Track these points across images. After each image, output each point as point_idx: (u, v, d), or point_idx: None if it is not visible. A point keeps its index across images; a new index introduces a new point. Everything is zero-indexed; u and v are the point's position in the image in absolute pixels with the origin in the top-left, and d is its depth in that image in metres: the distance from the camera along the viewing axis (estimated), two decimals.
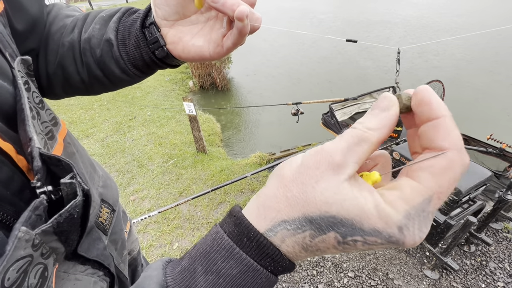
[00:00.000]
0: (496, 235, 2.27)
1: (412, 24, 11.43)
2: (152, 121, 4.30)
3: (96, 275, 0.32)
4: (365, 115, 0.22)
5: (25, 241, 0.19)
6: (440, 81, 2.68)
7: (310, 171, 0.21)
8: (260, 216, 0.22)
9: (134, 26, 0.38)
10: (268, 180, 0.24)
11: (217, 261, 0.22)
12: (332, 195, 0.20)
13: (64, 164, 0.25)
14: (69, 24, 0.43)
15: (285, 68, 7.41)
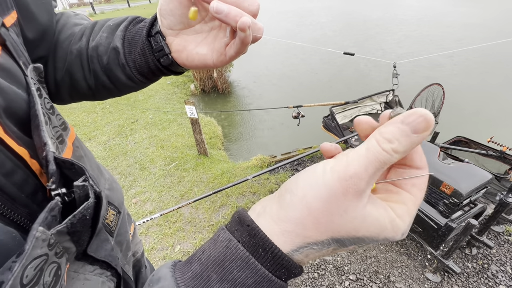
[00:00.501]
0: (498, 237, 2.27)
1: (412, 35, 11.48)
2: (154, 124, 4.32)
3: (104, 275, 0.33)
4: (394, 128, 0.20)
5: (42, 240, 0.21)
6: (440, 84, 2.70)
7: (337, 200, 0.21)
8: (287, 242, 0.23)
9: (140, 35, 0.40)
10: (286, 200, 0.23)
11: (232, 270, 0.23)
12: (360, 223, 0.22)
13: (77, 168, 0.27)
14: (77, 32, 0.44)
15: (286, 71, 7.45)
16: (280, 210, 0.23)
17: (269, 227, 0.23)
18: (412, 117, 0.20)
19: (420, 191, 0.24)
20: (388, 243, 2.19)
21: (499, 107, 4.99)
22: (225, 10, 0.29)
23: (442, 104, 2.73)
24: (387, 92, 3.11)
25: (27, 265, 0.19)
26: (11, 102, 0.26)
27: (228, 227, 0.25)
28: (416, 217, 1.93)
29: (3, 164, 0.24)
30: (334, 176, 0.21)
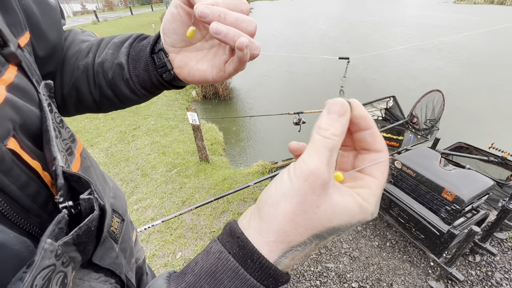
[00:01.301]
0: (501, 244, 2.25)
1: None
2: (155, 131, 4.35)
3: (108, 283, 0.34)
4: (324, 119, 0.24)
5: (50, 251, 0.22)
6: (440, 90, 2.71)
7: (308, 198, 0.23)
8: (273, 251, 0.24)
9: (144, 51, 0.42)
10: (264, 212, 0.25)
11: (223, 280, 0.24)
12: (331, 214, 0.23)
13: (83, 181, 0.28)
14: (84, 48, 0.47)
15: (287, 78, 7.50)
16: (261, 222, 0.24)
17: (255, 238, 0.24)
18: (333, 106, 0.24)
19: (381, 173, 0.26)
20: (362, 225, 2.18)
21: (499, 113, 5.00)
22: (223, 31, 0.30)
23: (442, 110, 2.75)
24: (387, 98, 3.13)
25: (36, 275, 0.20)
26: (26, 119, 0.28)
27: (220, 239, 0.26)
28: (419, 224, 1.92)
29: (19, 177, 0.26)
30: (299, 178, 0.23)
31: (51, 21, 0.41)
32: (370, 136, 0.26)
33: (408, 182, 1.99)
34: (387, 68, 7.80)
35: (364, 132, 0.26)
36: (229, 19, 0.31)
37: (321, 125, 0.24)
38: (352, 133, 0.27)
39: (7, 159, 0.25)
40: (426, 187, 1.86)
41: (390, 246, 2.25)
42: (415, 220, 1.94)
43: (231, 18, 0.31)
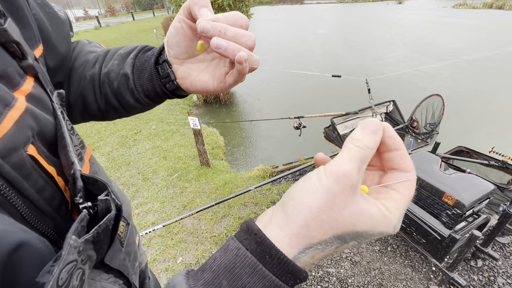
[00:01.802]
0: (503, 249, 2.24)
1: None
2: (157, 135, 4.37)
3: (118, 284, 0.35)
4: (359, 132, 0.26)
5: (74, 247, 0.24)
6: (440, 95, 2.73)
7: (336, 198, 0.24)
8: (293, 245, 0.24)
9: (149, 62, 0.44)
10: (289, 206, 0.25)
11: (242, 276, 0.24)
12: (357, 217, 0.24)
13: (100, 184, 0.30)
14: (91, 59, 0.49)
15: (288, 83, 7.55)
16: (285, 216, 0.25)
17: (276, 233, 0.25)
18: (368, 124, 0.26)
19: (407, 190, 0.27)
20: (383, 238, 2.17)
21: (499, 117, 5.01)
22: (224, 46, 0.32)
23: (442, 115, 2.76)
24: (387, 103, 3.14)
25: (62, 269, 0.22)
26: (42, 127, 0.30)
27: (237, 237, 0.27)
28: (420, 228, 1.92)
29: (37, 181, 0.27)
30: (330, 178, 0.24)
31: (61, 34, 0.43)
32: (399, 156, 0.27)
33: None
34: (387, 73, 7.84)
35: (394, 153, 0.28)
36: (229, 34, 0.33)
37: (355, 136, 0.26)
38: (380, 154, 0.29)
39: (27, 164, 0.26)
40: (426, 191, 1.86)
41: (392, 250, 2.24)
42: (416, 225, 1.94)
43: (231, 33, 0.33)
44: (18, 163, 0.25)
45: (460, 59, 8.81)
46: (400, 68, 8.06)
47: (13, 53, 0.29)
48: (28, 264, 0.23)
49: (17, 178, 0.25)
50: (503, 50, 9.68)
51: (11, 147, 0.25)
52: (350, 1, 53.45)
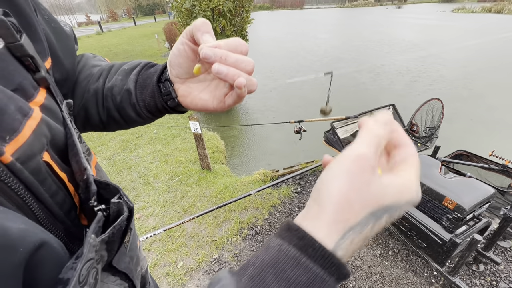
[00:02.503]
0: (505, 253, 2.23)
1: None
2: (158, 139, 4.39)
3: (123, 286, 0.37)
4: (372, 123, 0.28)
5: (93, 246, 0.25)
6: (439, 99, 2.74)
7: (360, 177, 0.25)
8: (332, 232, 0.25)
9: (152, 79, 0.46)
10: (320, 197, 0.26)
11: (286, 270, 0.24)
12: (383, 191, 0.26)
13: (112, 187, 0.32)
14: (95, 73, 0.51)
15: (288, 87, 7.58)
16: (318, 208, 0.26)
17: (314, 226, 0.25)
18: (380, 116, 0.29)
19: (413, 157, 0.29)
20: (384, 242, 2.16)
21: (499, 121, 5.02)
22: (224, 72, 0.34)
23: (441, 118, 2.77)
24: (387, 107, 3.16)
25: (83, 266, 0.23)
26: (54, 136, 0.32)
27: (278, 235, 0.27)
28: (420, 232, 1.91)
29: (51, 186, 0.29)
30: (349, 160, 0.26)
31: (66, 48, 0.45)
32: (397, 134, 0.30)
33: None
34: (385, 77, 7.88)
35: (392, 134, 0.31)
36: (229, 60, 0.35)
37: (369, 126, 0.28)
38: None
39: (43, 170, 0.28)
40: (427, 195, 1.87)
41: (393, 255, 2.24)
42: (417, 229, 1.94)
43: (231, 59, 0.35)
44: (35, 169, 0.27)
45: (460, 62, 8.86)
46: (399, 70, 8.11)
47: (27, 66, 0.31)
48: (47, 264, 0.24)
49: (34, 183, 0.27)
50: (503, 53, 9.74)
51: (30, 154, 0.27)
52: (349, 6, 53.92)
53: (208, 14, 5.12)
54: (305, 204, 3.04)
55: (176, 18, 5.68)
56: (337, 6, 56.50)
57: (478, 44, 11.49)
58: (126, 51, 12.65)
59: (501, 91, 6.36)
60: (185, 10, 5.18)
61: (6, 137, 0.24)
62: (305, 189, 3.08)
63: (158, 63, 0.49)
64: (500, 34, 13.64)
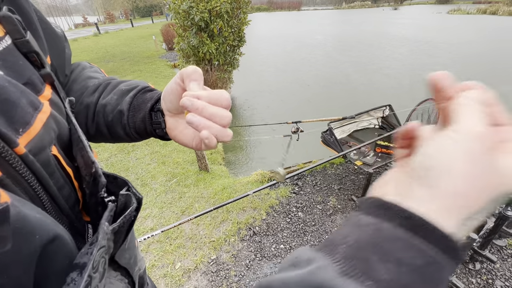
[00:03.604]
0: (501, 252, 2.25)
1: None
2: (155, 140, 4.38)
3: (124, 282, 0.37)
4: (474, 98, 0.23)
5: (106, 233, 0.26)
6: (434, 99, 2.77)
7: (484, 160, 0.22)
8: (452, 218, 0.21)
9: (146, 106, 0.48)
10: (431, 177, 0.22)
11: (393, 251, 0.20)
12: (505, 173, 0.22)
13: (119, 180, 0.33)
14: (91, 86, 0.52)
15: (285, 88, 7.61)
16: (430, 189, 0.22)
17: (425, 207, 0.21)
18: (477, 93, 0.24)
19: None
20: None
21: None
22: (195, 122, 0.37)
23: (437, 119, 2.79)
24: (384, 107, 3.18)
25: (97, 252, 0.24)
26: (61, 130, 0.33)
27: (367, 212, 0.23)
28: None
29: (58, 180, 0.30)
30: (468, 140, 0.22)
31: (56, 49, 0.46)
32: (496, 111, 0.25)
33: None
34: (382, 77, 7.93)
35: None
36: (205, 113, 0.37)
37: (471, 102, 0.24)
38: None
39: (52, 163, 0.29)
40: None
41: None
42: None
43: (207, 112, 0.37)
44: (45, 162, 0.28)
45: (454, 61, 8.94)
46: (396, 69, 8.17)
47: (33, 62, 0.32)
48: (59, 257, 0.25)
49: (45, 175, 0.28)
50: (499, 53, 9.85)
51: (41, 146, 0.28)
52: (346, 7, 54.25)
53: (206, 15, 5.13)
54: (303, 204, 3.02)
55: (173, 20, 5.69)
56: (334, 8, 56.80)
57: None
58: (124, 52, 12.62)
59: None
60: (183, 11, 5.19)
61: (19, 130, 0.25)
62: (302, 189, 3.09)
63: (156, 64, 0.51)
64: None
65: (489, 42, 12.25)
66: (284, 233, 2.50)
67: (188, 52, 5.72)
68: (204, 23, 5.24)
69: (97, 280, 0.25)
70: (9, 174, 0.24)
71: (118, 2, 53.32)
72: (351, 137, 3.16)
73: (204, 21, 5.20)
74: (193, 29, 5.35)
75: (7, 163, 0.23)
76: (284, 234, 2.50)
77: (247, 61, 8.14)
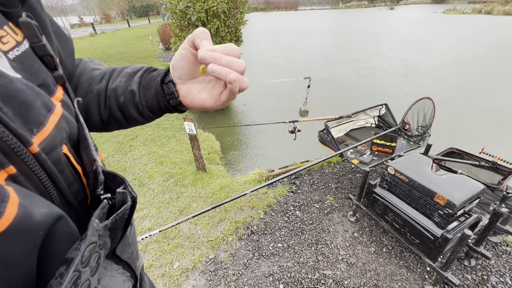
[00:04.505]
0: (496, 248, 2.28)
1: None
2: (152, 140, 4.37)
3: (125, 275, 0.39)
4: None
5: (96, 230, 0.27)
6: (430, 98, 2.79)
7: None
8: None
9: (155, 81, 0.51)
10: None
11: None
12: None
13: (118, 178, 0.35)
14: (96, 75, 0.54)
15: (281, 88, 7.62)
16: None
17: None
18: None
19: None
20: (358, 231, 2.19)
21: (488, 119, 5.12)
22: (217, 70, 0.39)
23: (433, 117, 2.82)
24: (380, 106, 3.20)
25: (86, 248, 0.25)
26: (71, 130, 0.34)
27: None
28: (413, 229, 1.95)
29: (68, 177, 0.32)
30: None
31: (67, 51, 0.48)
32: None
33: (402, 187, 2.03)
34: (378, 76, 7.97)
35: None
36: (223, 62, 0.40)
37: None
38: None
39: (62, 161, 0.31)
40: (419, 192, 1.90)
41: (387, 251, 2.27)
42: (409, 225, 1.97)
43: (225, 60, 0.40)
44: (56, 160, 0.30)
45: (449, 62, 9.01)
46: (392, 68, 8.22)
47: (47, 65, 0.34)
48: (63, 239, 0.26)
49: (55, 172, 0.29)
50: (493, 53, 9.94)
51: (52, 145, 0.30)
52: (342, 7, 54.38)
53: (202, 15, 5.12)
54: (300, 203, 3.05)
55: (170, 20, 5.67)
56: (331, 8, 56.93)
57: None
58: (120, 52, 12.55)
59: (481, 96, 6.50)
60: (179, 11, 5.18)
61: (33, 130, 0.27)
62: (300, 188, 3.11)
63: (153, 64, 0.53)
64: None
65: (482, 38, 12.37)
66: (282, 232, 2.51)
67: None
68: (201, 23, 5.23)
69: (87, 274, 0.26)
70: (22, 171, 0.26)
71: (114, 2, 52.97)
72: (347, 136, 3.18)
73: (201, 21, 5.20)
74: (190, 29, 5.33)
75: (22, 161, 0.25)
76: (282, 232, 2.51)
77: (244, 61, 8.11)
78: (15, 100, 0.26)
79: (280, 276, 2.11)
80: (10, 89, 0.26)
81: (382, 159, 2.66)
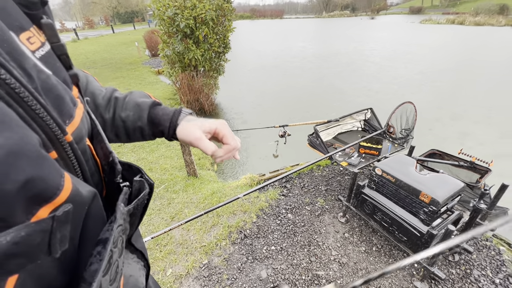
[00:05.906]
0: (477, 243, 2.40)
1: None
2: (141, 147, 4.31)
3: (140, 264, 0.41)
4: None
5: (122, 213, 0.30)
6: (412, 102, 2.95)
7: None
8: None
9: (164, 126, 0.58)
10: None
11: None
12: None
13: (134, 168, 0.38)
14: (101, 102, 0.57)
15: (270, 94, 7.73)
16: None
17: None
18: None
19: None
20: (349, 231, 2.27)
21: (468, 120, 5.43)
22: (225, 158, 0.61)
23: (415, 121, 2.97)
24: (365, 110, 3.33)
25: (117, 228, 0.28)
26: (88, 124, 0.37)
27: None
28: (401, 227, 2.03)
29: (91, 167, 0.34)
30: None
31: None
32: None
33: (389, 187, 2.12)
34: (361, 82, 8.27)
35: None
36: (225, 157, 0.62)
37: None
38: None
39: (87, 152, 0.34)
40: (405, 191, 2.00)
41: (376, 250, 2.34)
42: (397, 223, 2.06)
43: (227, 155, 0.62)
44: (83, 150, 0.33)
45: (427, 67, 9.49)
46: (378, 75, 8.56)
47: (64, 64, 0.36)
48: (94, 219, 0.29)
49: (83, 161, 0.32)
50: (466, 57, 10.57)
51: (81, 136, 0.32)
52: (326, 16, 56.17)
53: (191, 22, 5.16)
54: (292, 206, 3.07)
55: (158, 26, 5.67)
56: (315, 16, 58.57)
57: None
58: (105, 59, 12.32)
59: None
60: (168, 18, 5.19)
61: (66, 121, 0.30)
62: (291, 191, 3.16)
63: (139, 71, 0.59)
64: None
65: (457, 47, 13.15)
66: (275, 235, 2.54)
67: (174, 58, 5.70)
68: (189, 30, 5.27)
69: (116, 255, 0.29)
70: (61, 157, 0.28)
71: (97, 8, 52.09)
72: (336, 139, 3.28)
73: (190, 27, 5.23)
74: (178, 35, 5.35)
75: (62, 147, 0.28)
76: (275, 235, 2.53)
77: (232, 68, 8.20)
78: (52, 94, 0.28)
79: (275, 279, 2.12)
80: (48, 84, 0.28)
81: (369, 161, 2.76)
